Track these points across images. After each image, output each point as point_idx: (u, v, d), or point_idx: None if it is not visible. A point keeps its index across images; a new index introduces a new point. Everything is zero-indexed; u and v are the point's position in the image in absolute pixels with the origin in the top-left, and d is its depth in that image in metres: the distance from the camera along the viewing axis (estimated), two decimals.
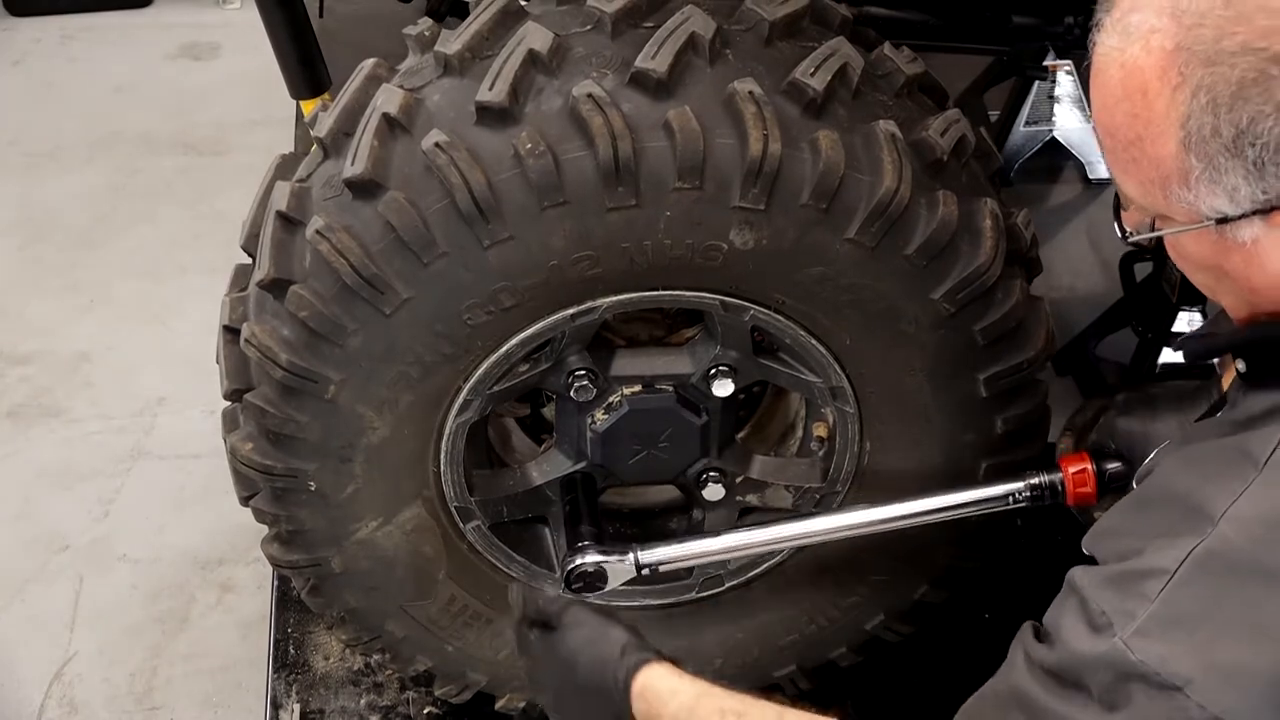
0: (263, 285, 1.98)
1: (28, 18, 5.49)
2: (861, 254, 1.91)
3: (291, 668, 2.81)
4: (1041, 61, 3.69)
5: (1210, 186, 1.34)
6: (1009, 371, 2.08)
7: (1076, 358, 3.45)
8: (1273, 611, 1.33)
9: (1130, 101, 1.36)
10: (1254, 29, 1.27)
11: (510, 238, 1.86)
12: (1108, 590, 1.42)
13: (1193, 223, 1.39)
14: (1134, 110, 1.36)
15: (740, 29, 1.95)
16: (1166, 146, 1.34)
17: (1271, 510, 1.34)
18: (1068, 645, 1.42)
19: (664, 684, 1.76)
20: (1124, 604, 1.38)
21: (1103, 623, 1.39)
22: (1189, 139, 1.32)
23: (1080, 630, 1.41)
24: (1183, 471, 1.47)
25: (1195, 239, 1.42)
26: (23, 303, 4.02)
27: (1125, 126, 1.38)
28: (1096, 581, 1.44)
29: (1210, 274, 1.48)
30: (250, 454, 2.10)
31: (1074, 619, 1.43)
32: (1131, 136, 1.37)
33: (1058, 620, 1.47)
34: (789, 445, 2.47)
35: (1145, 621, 1.36)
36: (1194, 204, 1.36)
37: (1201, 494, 1.39)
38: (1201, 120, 1.30)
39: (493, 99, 1.82)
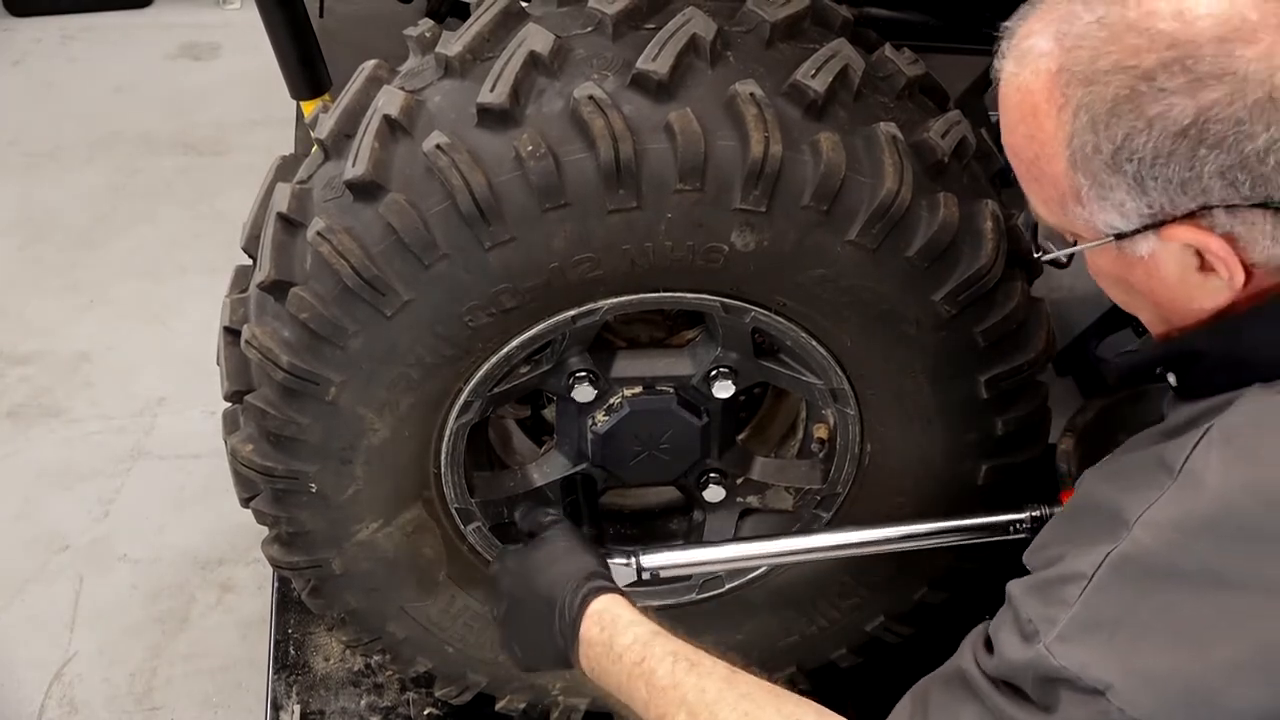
0: (263, 287, 1.98)
1: (28, 18, 5.50)
2: (862, 256, 1.91)
3: (292, 668, 2.81)
4: None
5: (1100, 203, 1.40)
6: (1010, 373, 2.08)
7: (1077, 358, 3.44)
8: (1188, 615, 1.34)
9: (1025, 123, 1.42)
10: (1125, 48, 1.33)
11: (511, 239, 1.86)
12: (1032, 597, 1.45)
13: (1095, 239, 1.44)
14: (1029, 132, 1.42)
15: (741, 31, 1.95)
16: (1058, 165, 1.40)
17: (1184, 515, 1.36)
18: (1004, 655, 1.45)
19: (624, 614, 1.79)
20: (1046, 610, 1.41)
21: (1030, 630, 1.41)
22: (1074, 157, 1.38)
23: (1013, 639, 1.44)
24: (1105, 482, 1.51)
25: (1100, 255, 1.48)
26: (23, 303, 4.02)
27: (1024, 147, 1.44)
28: (1024, 590, 1.47)
29: (1121, 288, 1.54)
30: (251, 455, 2.10)
31: (1009, 629, 1.46)
32: (1030, 156, 1.44)
33: (997, 631, 1.49)
34: (790, 447, 2.47)
35: (1065, 626, 1.38)
36: (1090, 220, 1.42)
37: (1119, 502, 1.42)
38: (1084, 139, 1.36)
39: (494, 101, 1.82)
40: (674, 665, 1.68)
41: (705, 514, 2.38)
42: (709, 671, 1.66)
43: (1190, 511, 1.35)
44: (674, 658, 1.69)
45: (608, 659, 1.76)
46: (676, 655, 1.69)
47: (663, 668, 1.68)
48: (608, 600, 1.82)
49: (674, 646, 1.71)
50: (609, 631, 1.78)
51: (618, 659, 1.75)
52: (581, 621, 1.81)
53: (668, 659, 1.69)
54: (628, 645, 1.74)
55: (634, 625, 1.76)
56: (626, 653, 1.74)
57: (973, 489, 2.22)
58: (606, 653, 1.77)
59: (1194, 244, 1.38)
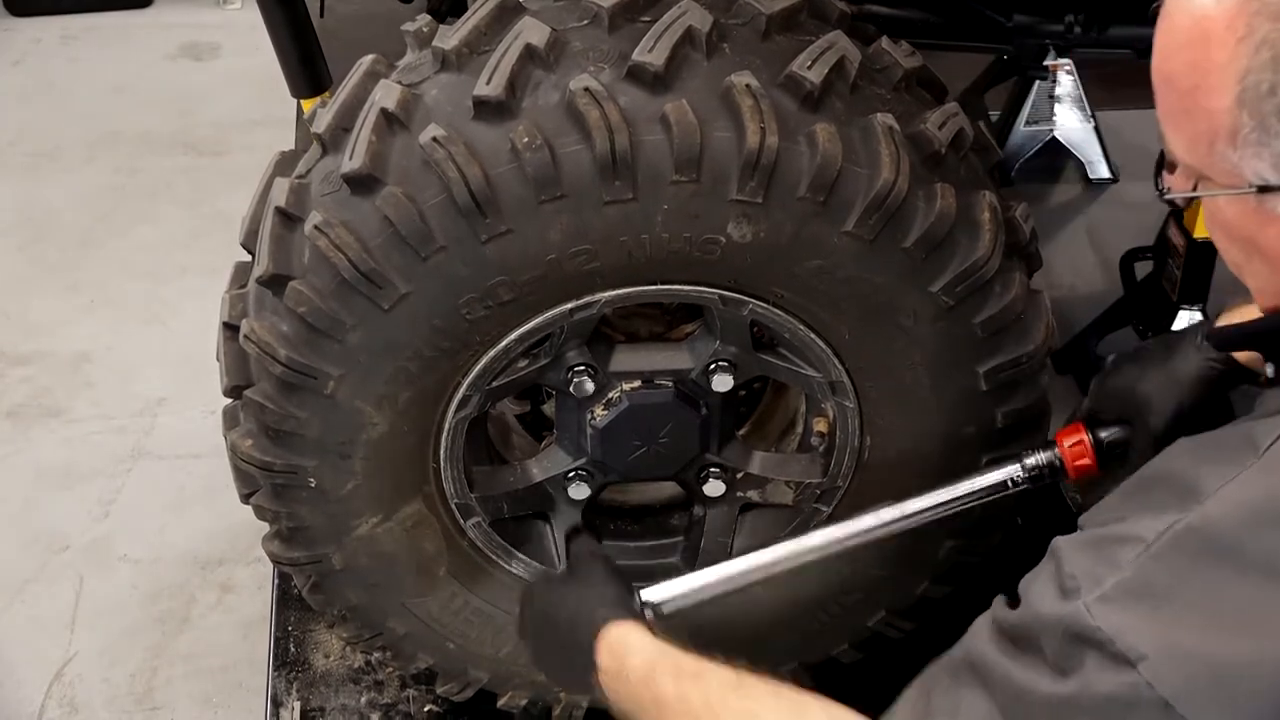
0: (262, 281, 1.98)
1: (28, 18, 5.50)
2: (860, 247, 1.91)
3: (292, 666, 2.81)
4: (1042, 61, 3.69)
5: (1257, 149, 1.30)
6: (1009, 364, 2.08)
7: (1077, 356, 3.45)
8: (1240, 601, 1.29)
9: (1192, 49, 1.32)
10: None
11: (508, 232, 1.86)
12: (1081, 553, 1.39)
13: (1234, 187, 1.35)
14: (1194, 58, 1.32)
15: (737, 23, 1.95)
16: (1221, 100, 1.30)
17: (1262, 498, 1.30)
18: (1032, 606, 1.40)
19: (630, 639, 1.80)
20: (1095, 568, 1.35)
21: (1071, 585, 1.36)
22: (1244, 94, 1.28)
23: (1049, 592, 1.39)
24: (1186, 454, 1.44)
25: (1233, 205, 1.38)
26: (23, 303, 4.02)
27: (1183, 75, 1.34)
28: (1074, 545, 1.42)
29: (1242, 248, 1.44)
30: (250, 450, 2.10)
31: (1045, 581, 1.41)
32: (1188, 86, 1.33)
33: (1029, 583, 1.45)
34: (789, 441, 2.47)
35: (1112, 589, 1.33)
36: (1238, 166, 1.33)
37: (1196, 473, 1.36)
38: (1260, 76, 1.27)
39: (490, 93, 1.83)
40: (677, 679, 1.70)
41: (705, 509, 2.37)
42: (713, 680, 1.67)
43: (1270, 496, 1.30)
44: (678, 672, 1.71)
45: (620, 683, 1.79)
46: (680, 670, 1.71)
47: (667, 683, 1.70)
48: (620, 628, 1.83)
49: (679, 661, 1.73)
50: (619, 659, 1.80)
51: (627, 681, 1.77)
52: (597, 652, 1.83)
53: (671, 674, 1.71)
54: (635, 666, 1.77)
55: (643, 649, 1.78)
56: (634, 674, 1.76)
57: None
58: (618, 678, 1.79)
59: None
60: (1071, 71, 4.13)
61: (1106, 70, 4.25)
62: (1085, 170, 4.27)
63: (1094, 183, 4.27)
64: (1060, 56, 3.75)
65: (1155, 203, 3.03)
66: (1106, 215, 4.14)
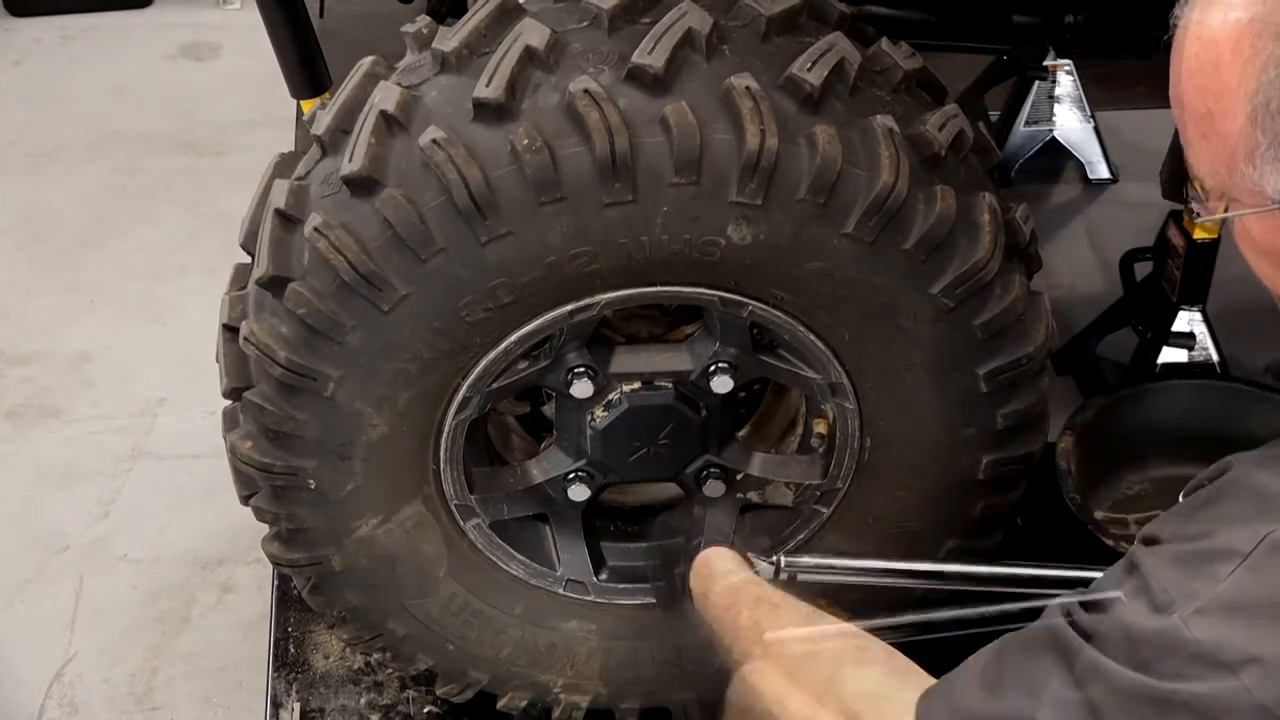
0: (261, 283, 1.98)
1: (28, 18, 5.50)
2: (859, 249, 1.91)
3: (291, 666, 2.81)
4: (1042, 61, 3.70)
5: (1275, 165, 1.32)
6: (1009, 366, 2.08)
7: (1077, 357, 3.45)
8: None
9: (1203, 74, 1.34)
10: None
11: (508, 234, 1.86)
12: (1172, 569, 1.38)
13: (1258, 205, 1.36)
14: (1206, 83, 1.34)
15: (737, 24, 1.96)
16: (1235, 121, 1.32)
17: None
18: (1121, 618, 1.39)
19: (720, 564, 1.96)
20: (1190, 584, 1.34)
21: (1164, 600, 1.35)
22: (1256, 113, 1.30)
23: (1138, 607, 1.37)
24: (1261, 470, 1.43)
25: (1261, 222, 1.39)
26: (23, 303, 4.02)
27: (1197, 100, 1.36)
28: (1160, 560, 1.40)
29: (1270, 261, 1.44)
30: (250, 452, 2.10)
31: (1132, 595, 1.40)
32: (1202, 110, 1.36)
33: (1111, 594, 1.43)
34: (790, 442, 2.47)
35: (1209, 602, 1.32)
36: (1259, 183, 1.34)
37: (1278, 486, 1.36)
38: (1270, 95, 1.29)
39: (490, 95, 1.83)
40: (756, 607, 1.83)
41: (705, 510, 2.37)
42: (790, 611, 1.79)
43: None
44: (758, 600, 1.85)
45: (704, 605, 1.95)
46: (760, 599, 1.85)
47: (746, 610, 1.83)
48: (708, 552, 2.01)
49: (760, 591, 1.86)
50: (705, 582, 1.96)
51: (711, 606, 1.92)
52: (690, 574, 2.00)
53: (751, 602, 1.85)
54: (718, 592, 1.92)
55: (728, 574, 1.93)
56: (718, 599, 1.91)
57: (973, 483, 2.22)
58: (703, 600, 1.95)
59: None
60: (1071, 72, 4.13)
61: (1106, 70, 4.25)
62: (1085, 171, 4.27)
63: (1094, 183, 4.27)
64: (1060, 57, 3.76)
65: (1155, 203, 3.04)
66: (1106, 216, 4.14)
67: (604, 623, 2.43)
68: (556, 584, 2.39)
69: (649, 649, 2.46)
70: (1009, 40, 3.22)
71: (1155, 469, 3.04)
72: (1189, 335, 3.24)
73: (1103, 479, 3.00)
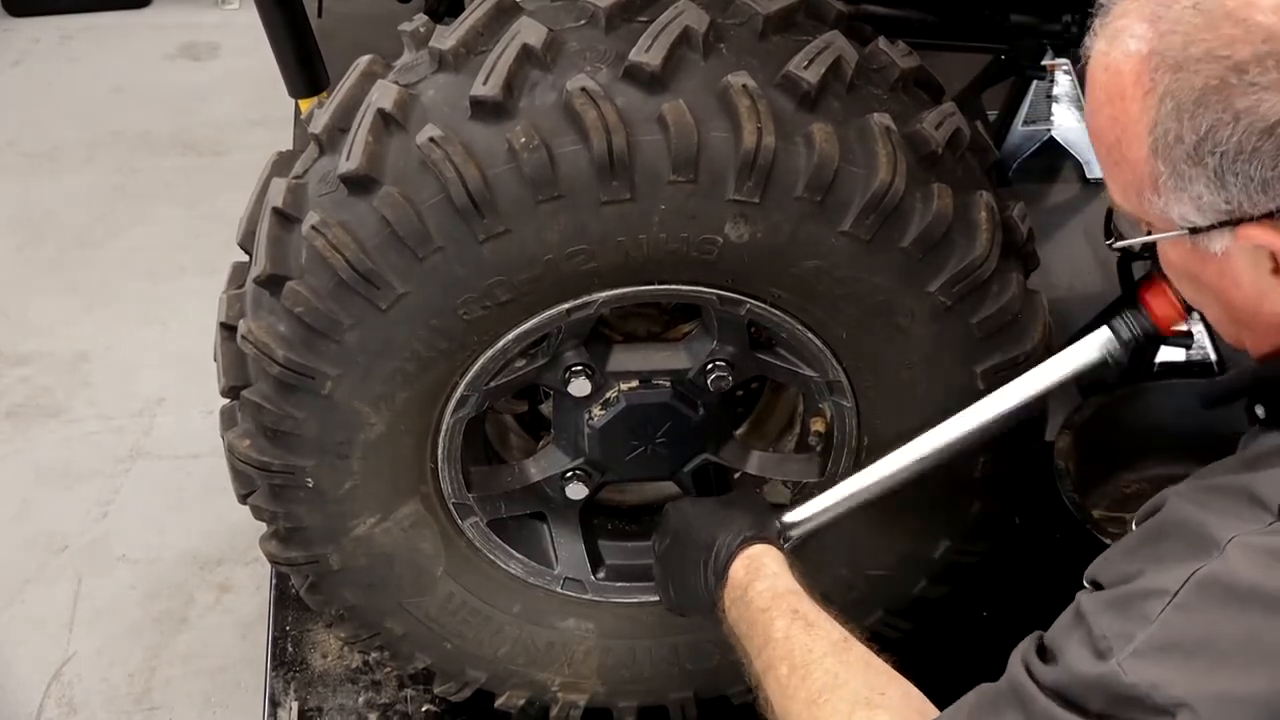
0: (259, 281, 1.98)
1: (27, 18, 5.49)
2: (857, 247, 1.91)
3: (289, 666, 2.81)
4: (1039, 61, 3.69)
5: (1178, 194, 1.36)
6: (1006, 364, 2.08)
7: None
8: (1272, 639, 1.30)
9: (1111, 105, 1.39)
10: (1219, 37, 1.29)
11: (505, 232, 1.86)
12: (1109, 613, 1.40)
13: (1169, 230, 1.41)
14: (1114, 114, 1.38)
15: (734, 23, 1.95)
16: (1139, 151, 1.37)
17: None
18: (1069, 667, 1.41)
19: (769, 564, 1.93)
20: (1124, 626, 1.36)
21: (1104, 646, 1.37)
22: (1156, 144, 1.34)
23: (1084, 654, 1.40)
24: (1191, 505, 1.45)
25: (1174, 248, 1.45)
26: (22, 303, 4.02)
27: (1107, 129, 1.41)
28: (1099, 605, 1.43)
29: (1190, 284, 1.51)
30: (247, 451, 2.10)
31: (1078, 642, 1.42)
32: (1111, 140, 1.40)
33: (1063, 643, 1.45)
34: (787, 440, 2.47)
35: (1142, 644, 1.34)
36: (1165, 211, 1.39)
37: (1208, 524, 1.38)
38: (1167, 126, 1.33)
39: (487, 93, 1.83)
40: (792, 621, 1.80)
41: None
42: (822, 634, 1.77)
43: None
44: (794, 614, 1.81)
45: (741, 601, 1.90)
46: (797, 612, 1.81)
47: (781, 621, 1.80)
48: (761, 548, 1.96)
49: (799, 604, 1.82)
50: (750, 575, 1.92)
51: (748, 604, 1.88)
52: (732, 564, 1.95)
53: (788, 614, 1.81)
54: (760, 592, 1.88)
55: (774, 576, 1.90)
56: (757, 599, 1.87)
57: (970, 481, 2.22)
58: (742, 595, 1.91)
59: (1268, 246, 1.34)
60: (1069, 71, 4.13)
61: None
62: (1083, 170, 4.26)
63: (1092, 182, 4.26)
64: (1058, 56, 3.76)
65: None
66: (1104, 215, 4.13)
67: (602, 621, 2.43)
68: (554, 582, 2.39)
69: (647, 647, 2.46)
70: (1007, 39, 3.22)
71: (1153, 468, 3.04)
72: (1187, 334, 3.22)
73: (1101, 478, 2.99)
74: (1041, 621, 1.54)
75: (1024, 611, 2.28)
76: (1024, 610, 2.28)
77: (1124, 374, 3.31)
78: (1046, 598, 1.61)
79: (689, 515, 2.11)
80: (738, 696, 2.53)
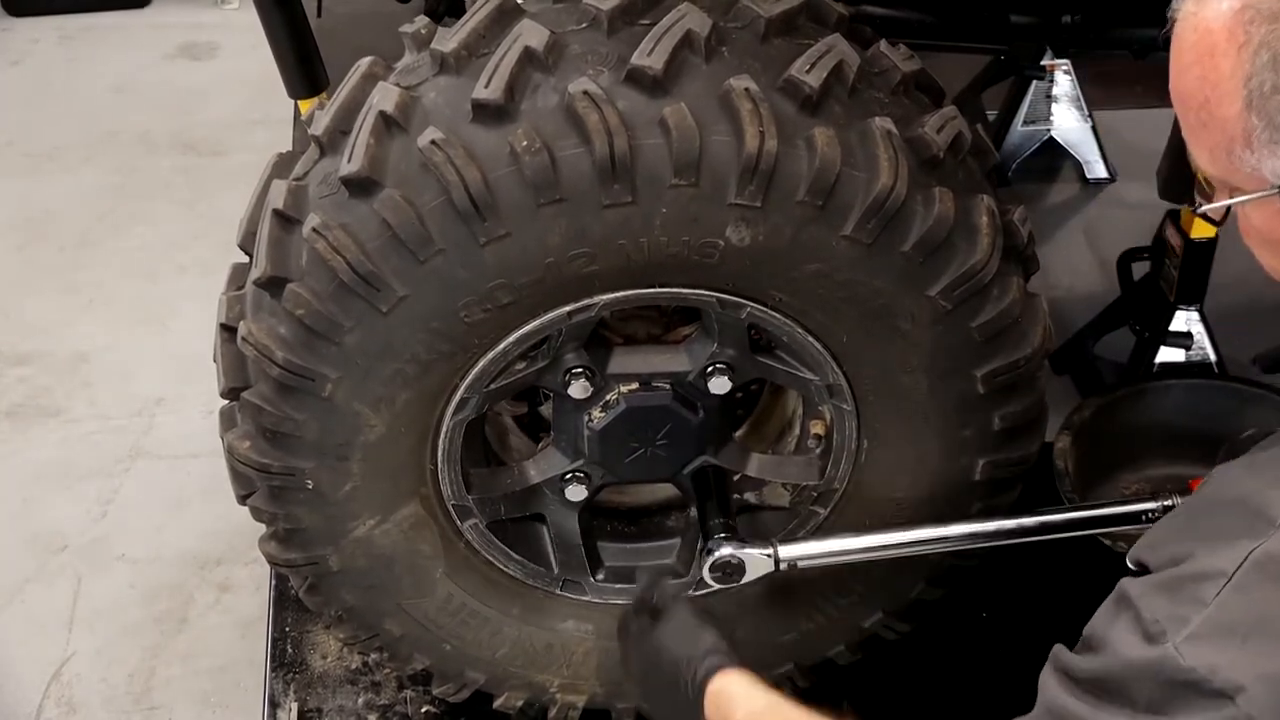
0: (259, 283, 1.98)
1: (26, 18, 5.50)
2: (858, 251, 1.91)
3: (289, 666, 2.81)
4: (1039, 61, 3.70)
5: (1271, 148, 1.35)
6: (1006, 368, 2.08)
7: (1074, 356, 3.45)
8: None
9: (1200, 64, 1.37)
10: None
11: (507, 235, 1.86)
12: (1160, 597, 1.38)
13: (1258, 190, 1.39)
14: (1203, 73, 1.37)
15: (736, 26, 1.95)
16: (1232, 107, 1.35)
17: None
18: (1117, 653, 1.39)
19: (737, 689, 1.81)
20: (1178, 609, 1.35)
21: (1156, 630, 1.35)
22: (1251, 97, 1.33)
23: (1132, 640, 1.38)
24: (1243, 478, 1.44)
25: (1261, 209, 1.43)
26: (21, 303, 4.02)
27: (1195, 90, 1.39)
28: (1148, 589, 1.41)
29: (1274, 251, 1.48)
30: (247, 452, 2.10)
31: (1125, 629, 1.40)
32: (1200, 100, 1.38)
33: (1105, 631, 1.43)
34: (786, 443, 2.47)
35: (1199, 626, 1.32)
36: (1257, 168, 1.37)
37: (1263, 498, 1.37)
38: (1263, 77, 1.32)
39: (489, 96, 1.83)
40: None
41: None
42: None
43: None
44: None
45: None
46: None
47: None
48: (724, 679, 1.83)
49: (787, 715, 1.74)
50: (725, 710, 1.81)
51: None
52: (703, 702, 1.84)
53: None
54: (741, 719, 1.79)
55: (749, 699, 1.79)
56: None
57: (969, 484, 2.22)
58: None
59: None
60: (1069, 71, 4.14)
61: (1104, 70, 4.26)
62: (1083, 170, 4.28)
63: (1091, 183, 4.28)
64: (1057, 56, 3.76)
65: (1153, 202, 3.04)
66: (1104, 215, 4.15)
67: (600, 623, 2.43)
68: (553, 584, 2.39)
69: None
70: (1006, 40, 3.22)
71: (1152, 468, 3.04)
72: (1186, 335, 3.24)
73: (1100, 478, 2.99)
74: (1041, 621, 1.54)
75: (1023, 612, 2.30)
76: (1023, 611, 2.30)
77: (1123, 375, 3.32)
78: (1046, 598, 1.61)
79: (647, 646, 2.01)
80: None
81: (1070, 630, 1.50)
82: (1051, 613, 2.20)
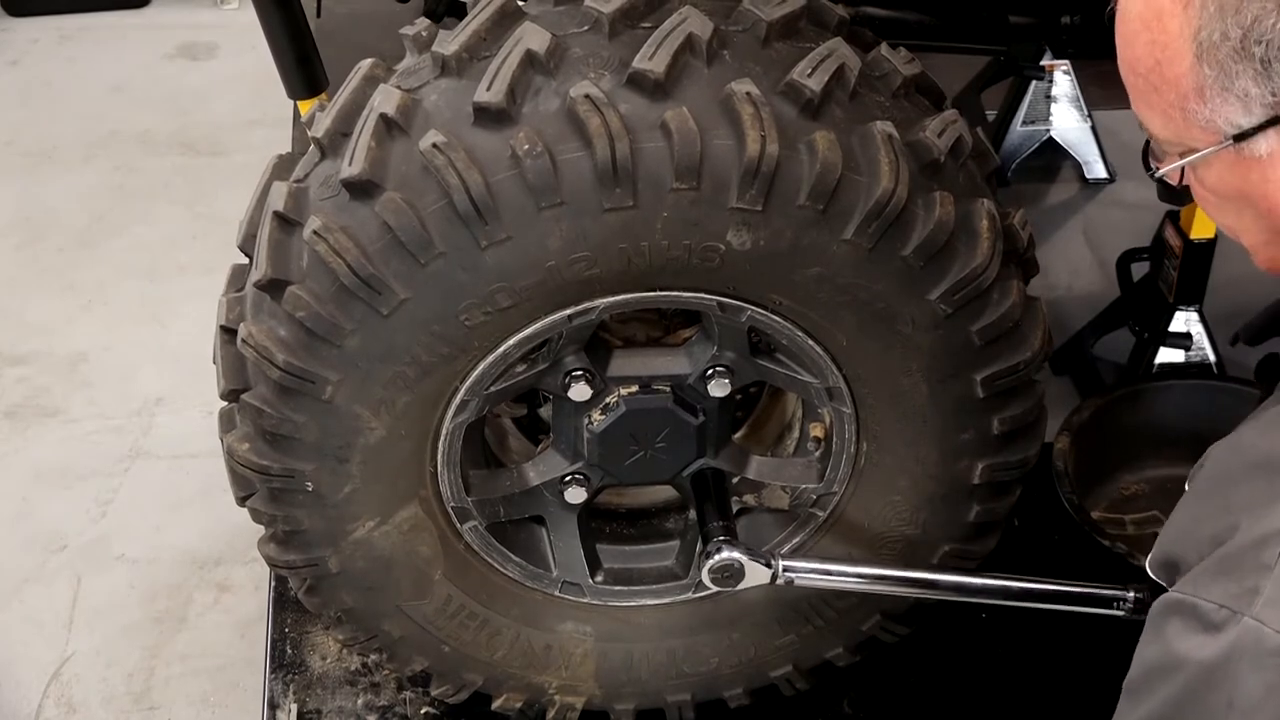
0: (260, 285, 1.98)
1: (25, 18, 5.49)
2: (858, 255, 1.91)
3: (289, 668, 2.81)
4: (1038, 61, 3.70)
5: (1224, 95, 1.37)
6: (1006, 372, 2.08)
7: (1074, 357, 3.45)
8: None
9: (1148, 29, 1.40)
10: None
11: (507, 238, 1.86)
12: (1216, 582, 1.36)
13: (1213, 144, 1.42)
14: (1152, 37, 1.40)
15: (737, 30, 1.95)
16: (1182, 64, 1.38)
17: None
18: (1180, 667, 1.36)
19: None
20: (1243, 583, 1.33)
21: (1223, 616, 1.33)
22: (1201, 49, 1.36)
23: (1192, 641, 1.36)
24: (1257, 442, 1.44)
25: (1217, 165, 1.45)
26: (20, 303, 4.02)
27: (1145, 55, 1.42)
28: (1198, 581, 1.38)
29: (1234, 207, 1.50)
30: (247, 454, 2.10)
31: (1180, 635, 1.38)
32: (1150, 64, 1.42)
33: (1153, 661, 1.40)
34: (786, 446, 2.47)
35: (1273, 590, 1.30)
36: (1211, 119, 1.40)
37: None
38: (1211, 27, 1.34)
39: (490, 99, 1.83)
40: None
41: None
42: None
43: None
44: None
45: None
46: None
47: None
48: None
49: None
50: None
51: None
52: None
53: None
54: None
55: None
56: None
57: (968, 488, 2.22)
58: None
59: None
60: (1068, 71, 4.14)
61: (1103, 70, 4.23)
62: (1082, 170, 4.28)
63: (1091, 183, 4.28)
64: (1057, 57, 3.77)
65: (1152, 203, 3.05)
66: (1103, 215, 4.15)
67: (599, 624, 2.43)
68: (552, 586, 2.39)
69: (644, 650, 2.46)
70: (1006, 40, 3.22)
71: (1152, 469, 3.05)
72: (1186, 335, 3.25)
73: (1099, 479, 3.01)
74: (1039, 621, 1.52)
75: (1023, 614, 2.30)
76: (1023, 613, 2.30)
77: (1122, 375, 3.33)
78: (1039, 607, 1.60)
79: None
80: (734, 700, 2.54)
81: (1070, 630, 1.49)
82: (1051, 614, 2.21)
